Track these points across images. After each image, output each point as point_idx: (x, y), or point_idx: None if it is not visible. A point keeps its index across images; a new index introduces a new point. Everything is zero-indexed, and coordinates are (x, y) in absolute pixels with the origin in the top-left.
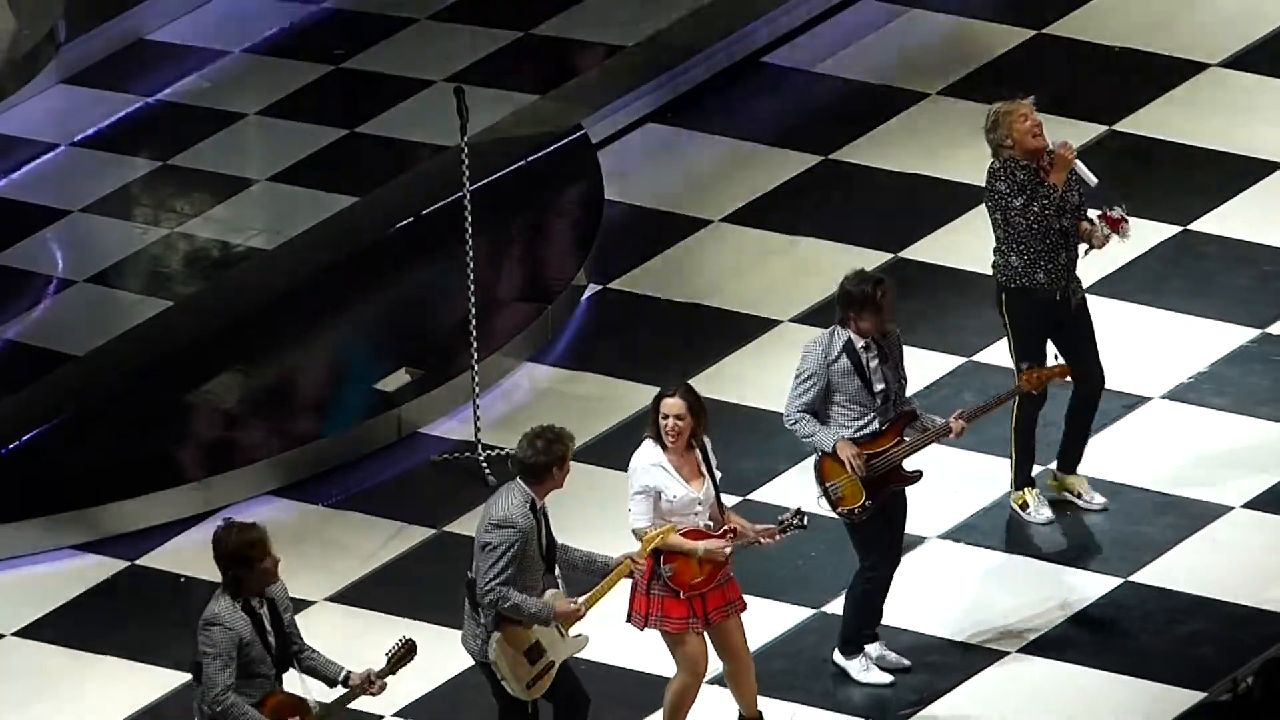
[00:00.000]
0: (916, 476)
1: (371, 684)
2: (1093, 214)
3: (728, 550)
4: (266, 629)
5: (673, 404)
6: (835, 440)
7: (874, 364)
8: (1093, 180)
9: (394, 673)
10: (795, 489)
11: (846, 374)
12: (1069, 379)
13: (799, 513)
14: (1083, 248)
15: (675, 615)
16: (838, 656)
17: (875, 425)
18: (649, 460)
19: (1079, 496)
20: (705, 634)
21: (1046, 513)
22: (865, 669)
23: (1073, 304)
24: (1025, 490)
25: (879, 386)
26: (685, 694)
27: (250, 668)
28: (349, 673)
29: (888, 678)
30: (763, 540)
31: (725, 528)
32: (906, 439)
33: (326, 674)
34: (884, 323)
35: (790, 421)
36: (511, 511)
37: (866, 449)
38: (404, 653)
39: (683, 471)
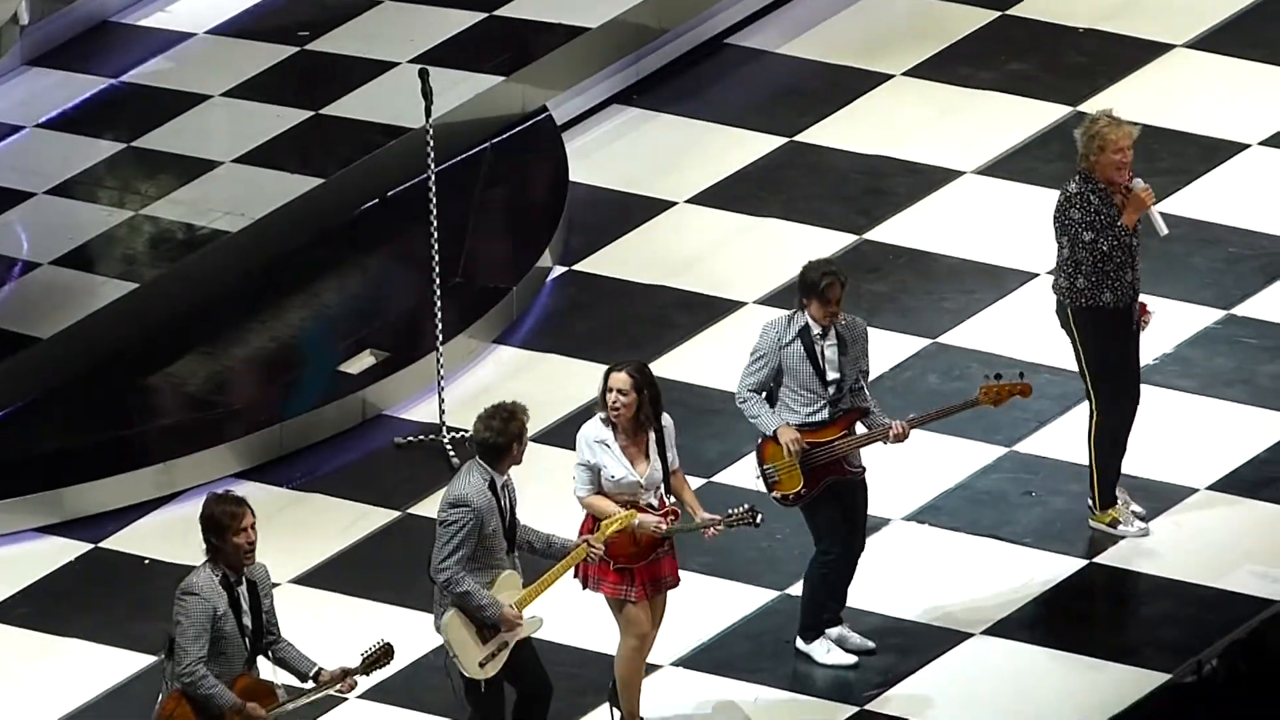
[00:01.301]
0: (860, 470)
1: (342, 681)
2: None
3: (662, 528)
4: (243, 609)
5: (618, 378)
6: (778, 425)
7: (829, 353)
8: (1163, 231)
9: (367, 674)
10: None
11: (799, 359)
12: (1025, 396)
13: (752, 510)
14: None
15: (611, 580)
16: (799, 642)
17: (824, 414)
18: (593, 436)
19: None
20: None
21: (1139, 525)
22: (828, 651)
23: (1135, 318)
24: (1112, 509)
25: (832, 376)
26: (633, 659)
27: (218, 645)
28: (320, 669)
29: (851, 659)
30: (703, 531)
31: (666, 510)
32: (852, 434)
33: (298, 668)
34: (830, 313)
35: (740, 400)
36: (467, 490)
37: (809, 437)
38: (380, 655)
39: (629, 452)
